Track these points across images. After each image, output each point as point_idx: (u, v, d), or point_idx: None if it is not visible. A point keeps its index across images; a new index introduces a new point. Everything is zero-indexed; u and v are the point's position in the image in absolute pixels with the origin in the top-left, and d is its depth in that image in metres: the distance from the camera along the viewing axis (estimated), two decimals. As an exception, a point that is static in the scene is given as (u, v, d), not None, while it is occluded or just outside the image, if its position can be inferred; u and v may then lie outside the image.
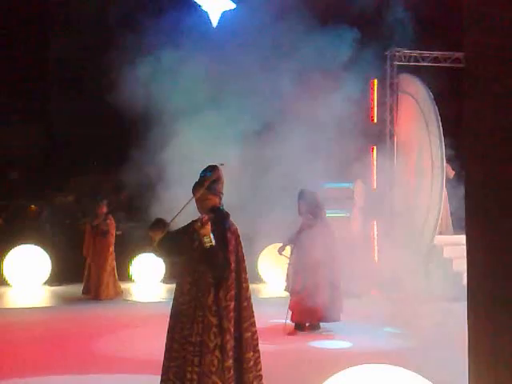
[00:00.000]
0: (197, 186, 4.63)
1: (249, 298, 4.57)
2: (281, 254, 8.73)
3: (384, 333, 8.18)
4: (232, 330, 4.37)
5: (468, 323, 2.85)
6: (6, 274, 12.70)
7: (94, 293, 11.25)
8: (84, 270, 11.61)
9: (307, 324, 8.45)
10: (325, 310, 8.21)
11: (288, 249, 8.77)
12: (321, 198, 8.81)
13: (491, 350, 2.67)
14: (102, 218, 11.41)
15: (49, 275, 12.79)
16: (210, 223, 4.37)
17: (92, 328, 8.79)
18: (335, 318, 8.36)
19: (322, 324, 8.48)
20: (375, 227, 13.16)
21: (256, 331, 4.58)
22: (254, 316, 4.58)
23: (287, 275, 8.86)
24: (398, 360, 3.58)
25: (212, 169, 4.68)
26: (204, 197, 4.59)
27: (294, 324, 8.39)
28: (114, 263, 11.51)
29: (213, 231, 4.41)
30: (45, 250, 12.86)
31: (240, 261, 4.54)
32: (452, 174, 12.44)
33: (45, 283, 12.80)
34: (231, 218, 4.64)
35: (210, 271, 4.42)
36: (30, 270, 12.53)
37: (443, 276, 11.40)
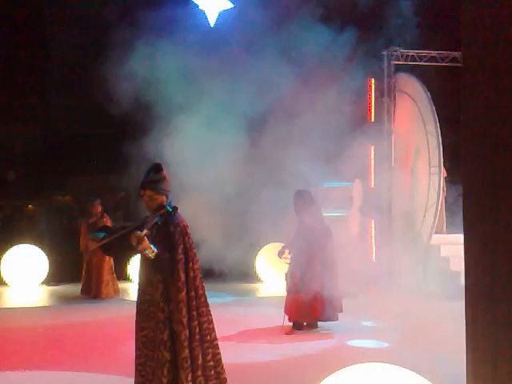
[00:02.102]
0: (141, 189, 4.70)
1: (197, 287, 4.58)
2: (281, 258, 8.72)
3: (382, 331, 8.18)
4: (184, 320, 4.43)
5: (466, 321, 2.85)
6: (4, 274, 12.68)
7: (94, 292, 11.23)
8: (82, 270, 11.60)
9: (305, 323, 8.45)
10: (322, 310, 8.21)
11: (287, 252, 8.73)
12: (318, 197, 8.81)
13: (489, 348, 2.67)
14: (98, 217, 11.41)
15: (46, 275, 12.78)
16: (146, 239, 4.40)
17: (90, 327, 8.78)
18: (333, 318, 8.36)
19: (319, 323, 8.48)
20: (373, 226, 13.17)
21: (206, 321, 4.60)
22: (206, 305, 4.62)
23: (285, 275, 8.86)
24: (396, 358, 3.58)
25: (155, 169, 4.74)
26: (151, 197, 4.67)
27: (291, 323, 8.40)
28: (112, 262, 11.50)
29: (158, 229, 4.53)
30: (42, 249, 12.85)
31: (187, 250, 4.59)
32: (444, 175, 12.44)
33: (42, 283, 12.79)
34: (178, 212, 4.67)
35: (160, 275, 4.52)
36: (27, 270, 12.51)
37: (440, 275, 11.42)
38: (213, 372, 4.54)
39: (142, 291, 4.66)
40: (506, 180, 2.61)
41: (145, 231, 4.44)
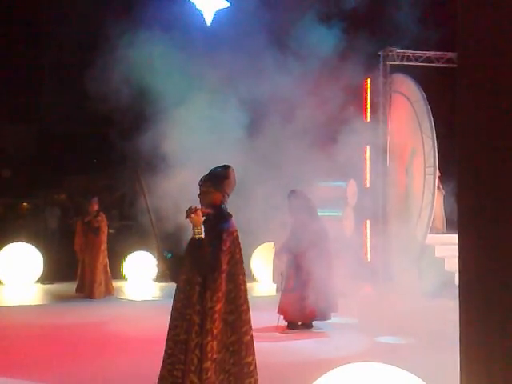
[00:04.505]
0: (203, 178, 4.55)
1: (247, 301, 4.47)
2: (279, 259, 8.74)
3: (376, 331, 8.20)
4: (215, 331, 4.27)
5: (460, 322, 2.86)
6: (-2, 272, 12.67)
7: (87, 291, 11.20)
8: (77, 269, 11.58)
9: (300, 323, 8.47)
10: (317, 309, 8.23)
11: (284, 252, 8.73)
12: (312, 197, 8.82)
13: (483, 349, 2.68)
14: (93, 215, 11.37)
15: (41, 273, 12.76)
16: (201, 216, 4.25)
17: (84, 326, 8.77)
18: (327, 317, 8.39)
19: (314, 323, 8.50)
20: (368, 226, 13.19)
21: (253, 335, 4.49)
22: (250, 320, 4.49)
23: (280, 274, 8.86)
24: (389, 358, 3.59)
25: (224, 166, 4.58)
26: (207, 189, 4.48)
27: (286, 323, 8.41)
28: (107, 261, 11.47)
29: (209, 228, 4.37)
30: (37, 247, 12.83)
31: (237, 262, 4.42)
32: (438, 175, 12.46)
33: (37, 281, 12.77)
34: (233, 220, 4.52)
35: (195, 266, 4.35)
36: (22, 268, 12.49)
37: (435, 275, 11.44)
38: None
39: (179, 290, 4.48)
40: (501, 180, 2.62)
41: (199, 207, 4.27)
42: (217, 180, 4.50)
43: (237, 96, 8.59)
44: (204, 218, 4.39)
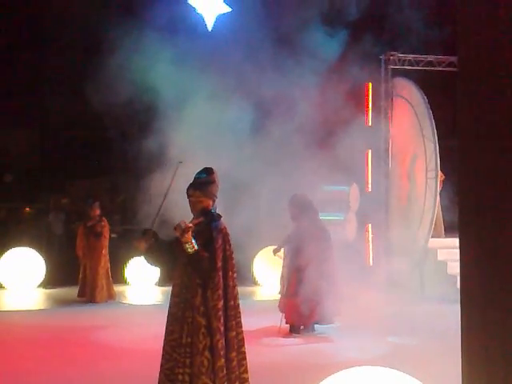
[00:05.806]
0: (191, 188, 4.65)
1: (235, 297, 4.54)
2: (275, 255, 8.77)
3: (378, 335, 8.19)
4: (222, 328, 4.34)
5: (461, 325, 2.86)
6: (0, 277, 12.66)
7: (89, 296, 11.21)
8: (79, 273, 11.58)
9: (302, 326, 8.46)
10: (319, 313, 8.23)
11: (282, 250, 8.80)
12: (314, 201, 8.82)
13: (484, 352, 2.68)
14: (96, 220, 11.38)
15: (43, 278, 12.76)
16: (191, 231, 4.34)
17: (86, 331, 8.77)
18: (329, 321, 8.38)
19: (317, 326, 8.49)
20: (370, 230, 13.18)
21: (242, 332, 4.53)
22: (240, 316, 4.55)
23: (281, 277, 8.88)
24: (391, 362, 3.60)
25: (207, 171, 4.69)
26: (197, 199, 4.61)
27: (288, 326, 8.41)
28: (108, 265, 11.47)
29: (200, 232, 4.44)
30: (39, 252, 12.83)
31: (227, 259, 4.53)
32: (442, 178, 12.45)
33: (39, 286, 12.77)
34: (222, 220, 4.64)
35: (196, 274, 4.43)
36: (24, 273, 12.49)
37: (438, 279, 11.44)
38: None
39: (173, 294, 4.54)
40: (502, 182, 2.63)
41: (190, 224, 4.38)
42: (205, 188, 4.63)
43: (239, 101, 8.61)
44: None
